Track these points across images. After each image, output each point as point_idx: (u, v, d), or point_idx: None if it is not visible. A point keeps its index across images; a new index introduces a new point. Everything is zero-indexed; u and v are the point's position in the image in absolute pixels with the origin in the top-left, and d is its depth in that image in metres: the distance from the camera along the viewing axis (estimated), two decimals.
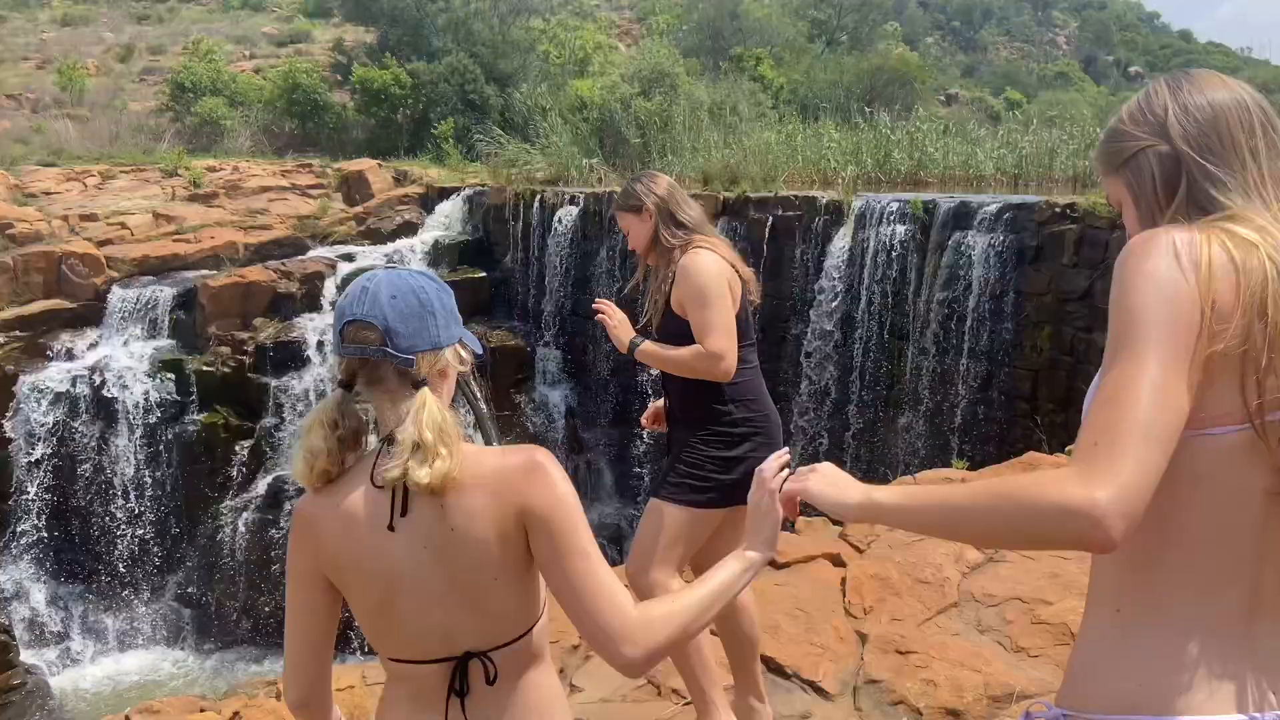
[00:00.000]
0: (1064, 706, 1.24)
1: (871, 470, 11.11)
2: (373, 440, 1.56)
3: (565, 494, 1.49)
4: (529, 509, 1.46)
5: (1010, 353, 10.66)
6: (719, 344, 2.81)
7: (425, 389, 1.49)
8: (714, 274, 2.87)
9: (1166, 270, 1.17)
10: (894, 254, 11.44)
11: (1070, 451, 4.89)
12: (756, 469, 1.64)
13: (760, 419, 2.98)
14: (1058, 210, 10.43)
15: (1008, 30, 52.51)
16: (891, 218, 11.53)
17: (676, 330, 2.92)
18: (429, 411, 1.46)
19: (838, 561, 4.19)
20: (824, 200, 12.28)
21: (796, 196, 12.65)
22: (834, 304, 11.95)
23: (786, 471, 1.59)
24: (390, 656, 1.56)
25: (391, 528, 1.47)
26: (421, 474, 1.42)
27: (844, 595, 3.91)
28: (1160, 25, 65.21)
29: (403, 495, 1.46)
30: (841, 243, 11.89)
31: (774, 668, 3.50)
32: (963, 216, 11.08)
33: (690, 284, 2.87)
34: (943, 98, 33.10)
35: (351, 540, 1.49)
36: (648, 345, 2.99)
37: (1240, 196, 1.25)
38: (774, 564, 4.14)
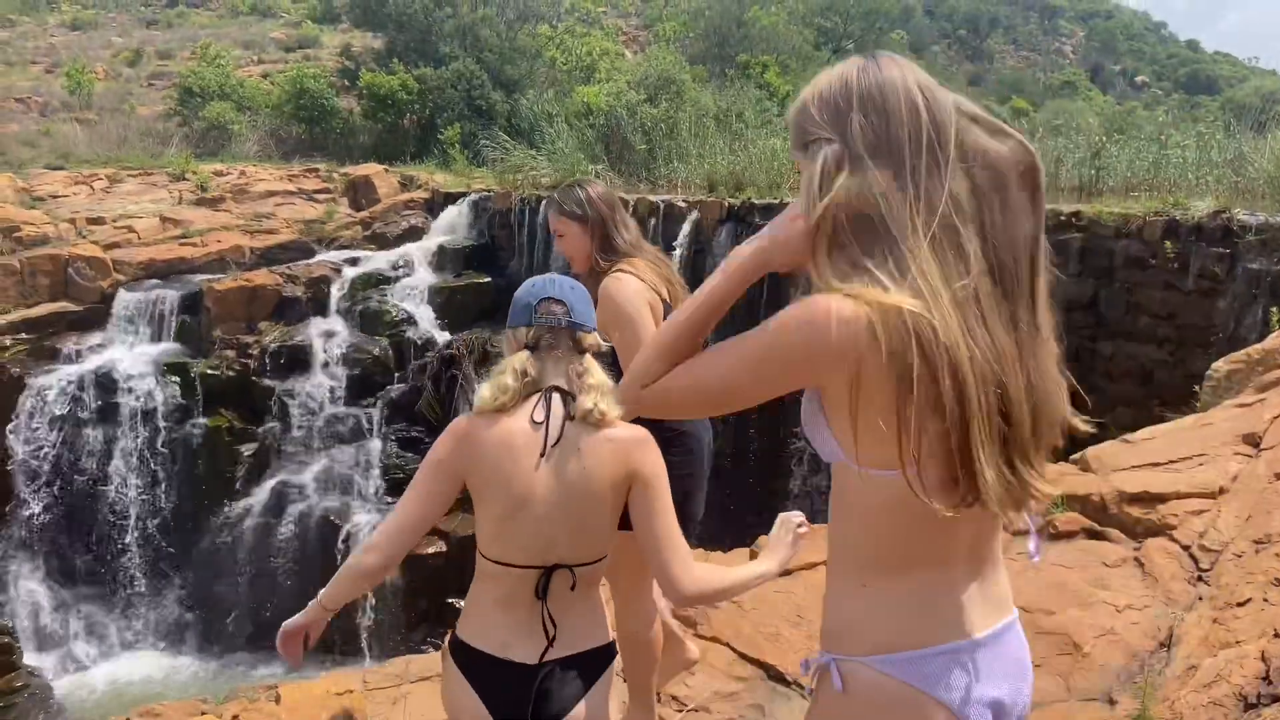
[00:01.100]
0: (833, 653, 1.48)
1: None
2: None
3: (663, 468, 2.00)
4: (639, 471, 1.95)
5: None
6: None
7: (589, 354, 2.01)
8: (632, 298, 2.89)
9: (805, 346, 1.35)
10: None
11: (1074, 460, 4.88)
12: (782, 515, 2.03)
13: (671, 438, 2.93)
14: (1062, 218, 10.41)
15: (1014, 39, 52.50)
16: None
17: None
18: (599, 369, 2.00)
19: None
20: None
21: None
22: None
23: (802, 517, 2.04)
24: (495, 558, 1.98)
25: (543, 454, 1.93)
26: (610, 408, 1.93)
27: None
28: (1167, 35, 65.16)
29: (559, 430, 1.94)
30: None
31: (774, 675, 3.49)
32: None
33: (611, 309, 2.89)
34: None
35: (504, 460, 1.94)
36: None
37: (892, 217, 1.33)
38: None
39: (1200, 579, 3.77)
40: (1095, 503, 4.34)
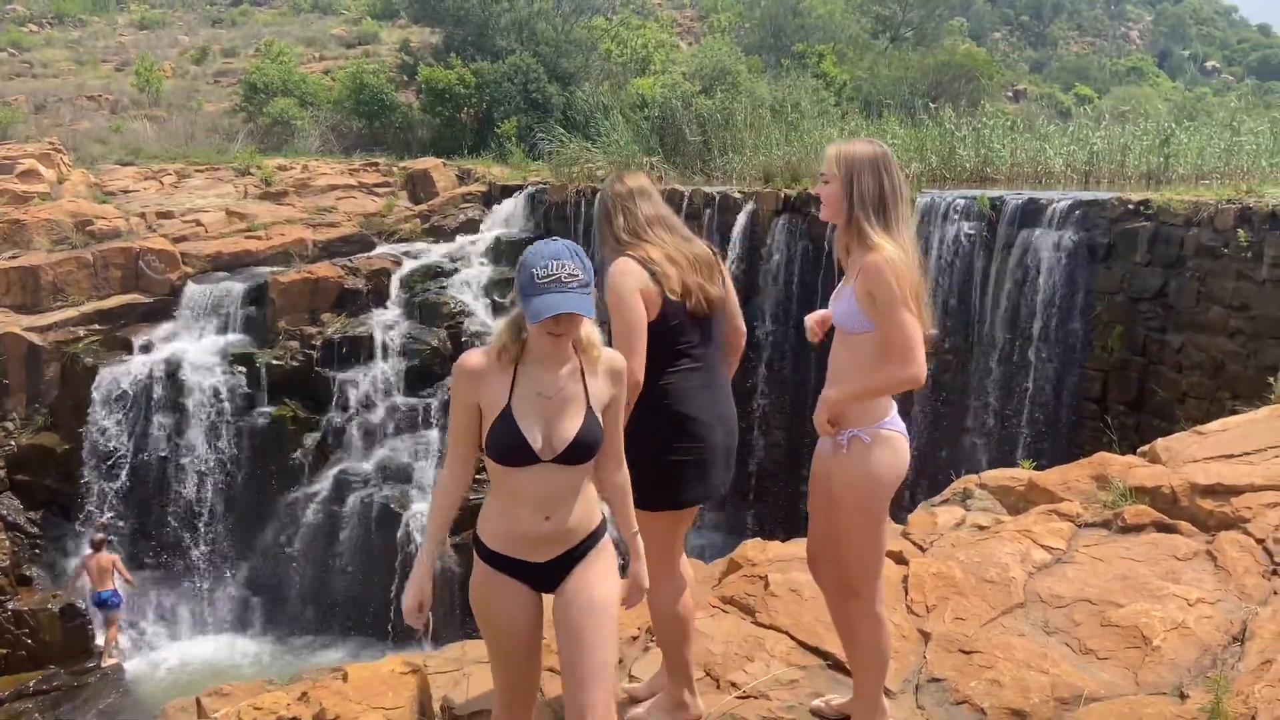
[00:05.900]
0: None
1: (937, 469, 10.94)
2: None
3: None
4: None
5: (1080, 352, 10.42)
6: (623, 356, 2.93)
7: None
8: (621, 282, 2.94)
9: None
10: (960, 251, 11.25)
11: (1143, 453, 4.77)
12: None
13: (669, 426, 3.02)
14: (1130, 207, 10.17)
15: (1078, 25, 51.29)
16: (957, 214, 11.35)
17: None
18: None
19: (899, 559, 4.14)
20: None
21: None
22: None
23: None
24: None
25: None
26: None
27: (906, 593, 3.86)
28: (1238, 19, 63.20)
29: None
30: None
31: (834, 664, 3.48)
32: (1031, 213, 10.85)
33: (608, 292, 2.94)
34: (1010, 94, 32.46)
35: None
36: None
37: None
38: None
39: (1275, 572, 3.68)
40: (1165, 495, 4.24)
